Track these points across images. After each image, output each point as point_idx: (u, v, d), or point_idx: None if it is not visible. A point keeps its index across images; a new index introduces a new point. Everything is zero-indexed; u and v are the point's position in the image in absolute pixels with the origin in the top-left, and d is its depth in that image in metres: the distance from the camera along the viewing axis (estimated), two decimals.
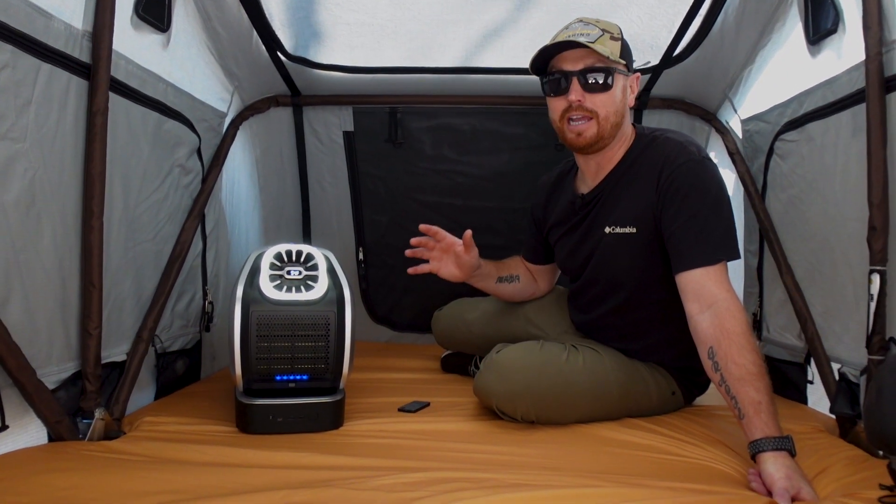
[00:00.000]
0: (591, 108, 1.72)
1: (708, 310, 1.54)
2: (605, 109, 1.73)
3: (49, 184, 1.46)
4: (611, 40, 1.71)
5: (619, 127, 1.77)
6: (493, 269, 2.16)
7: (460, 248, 1.99)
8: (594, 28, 1.71)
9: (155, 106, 1.88)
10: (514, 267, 2.24)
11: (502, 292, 2.21)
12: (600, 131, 1.74)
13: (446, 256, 2.02)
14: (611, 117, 1.74)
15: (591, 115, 1.73)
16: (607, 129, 1.75)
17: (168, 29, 1.88)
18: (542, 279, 2.26)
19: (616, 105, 1.74)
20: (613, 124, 1.75)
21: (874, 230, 1.52)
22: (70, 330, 1.56)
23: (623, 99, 1.76)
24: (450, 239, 1.99)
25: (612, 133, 1.76)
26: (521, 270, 2.24)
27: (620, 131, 1.79)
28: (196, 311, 2.21)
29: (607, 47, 1.69)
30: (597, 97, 1.72)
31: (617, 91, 1.73)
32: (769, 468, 1.31)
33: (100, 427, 1.59)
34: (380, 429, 1.70)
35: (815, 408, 1.94)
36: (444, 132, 2.84)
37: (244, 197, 2.67)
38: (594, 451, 1.55)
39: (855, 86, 1.66)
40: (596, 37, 1.69)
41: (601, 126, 1.74)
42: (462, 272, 2.04)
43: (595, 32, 1.70)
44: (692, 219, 1.64)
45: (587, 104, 1.72)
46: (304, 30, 2.32)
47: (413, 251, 2.02)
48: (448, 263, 2.03)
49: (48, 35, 1.41)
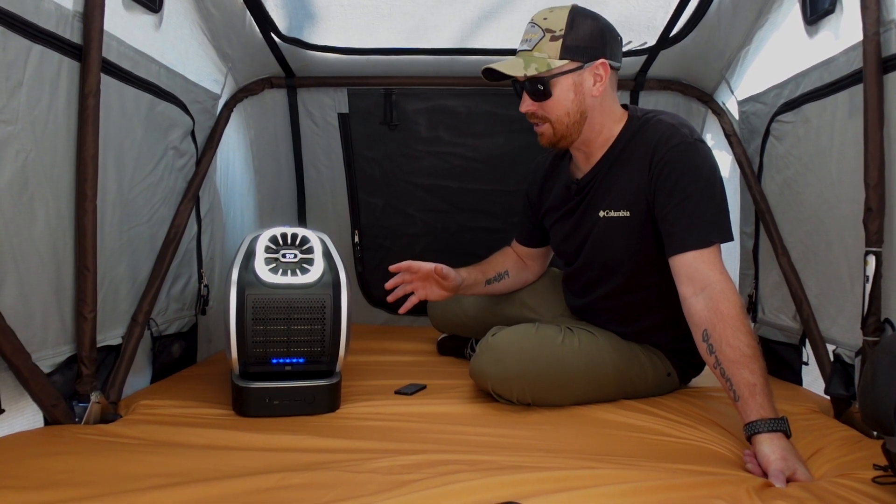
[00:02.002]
0: (542, 115, 1.77)
1: (702, 292, 1.54)
2: (554, 114, 1.75)
3: (42, 166, 1.44)
4: (550, 42, 1.70)
5: (582, 122, 1.77)
6: (480, 274, 2.13)
7: (438, 273, 1.96)
8: (537, 30, 1.72)
9: (148, 88, 1.86)
10: (501, 264, 2.21)
11: (494, 291, 2.20)
12: (556, 133, 1.78)
13: (427, 283, 2.00)
14: (563, 119, 1.75)
15: (545, 121, 1.77)
16: (563, 129, 1.77)
17: (160, 9, 1.86)
18: (534, 263, 2.25)
19: (566, 106, 1.74)
20: (569, 124, 1.76)
21: (870, 211, 1.52)
22: (65, 314, 1.56)
23: (576, 97, 1.74)
24: (425, 268, 1.96)
25: (570, 131, 1.77)
26: (509, 264, 2.22)
27: (593, 122, 1.78)
28: (191, 294, 2.21)
29: (545, 52, 1.70)
30: (543, 105, 1.76)
31: (561, 93, 1.73)
32: (764, 449, 1.32)
33: (96, 410, 1.59)
34: (376, 411, 1.70)
35: (810, 389, 1.95)
36: (439, 114, 2.82)
37: (239, 179, 2.66)
38: (590, 433, 1.55)
39: (852, 66, 1.66)
40: (535, 42, 1.71)
41: (555, 128, 1.77)
42: (448, 291, 2.02)
43: (536, 36, 1.72)
44: (685, 201, 1.63)
45: (538, 112, 1.77)
46: (297, 10, 2.30)
47: (395, 293, 1.98)
48: (432, 287, 2.00)
49: (38, 15, 1.39)
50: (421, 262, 1.96)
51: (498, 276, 2.18)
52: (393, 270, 1.95)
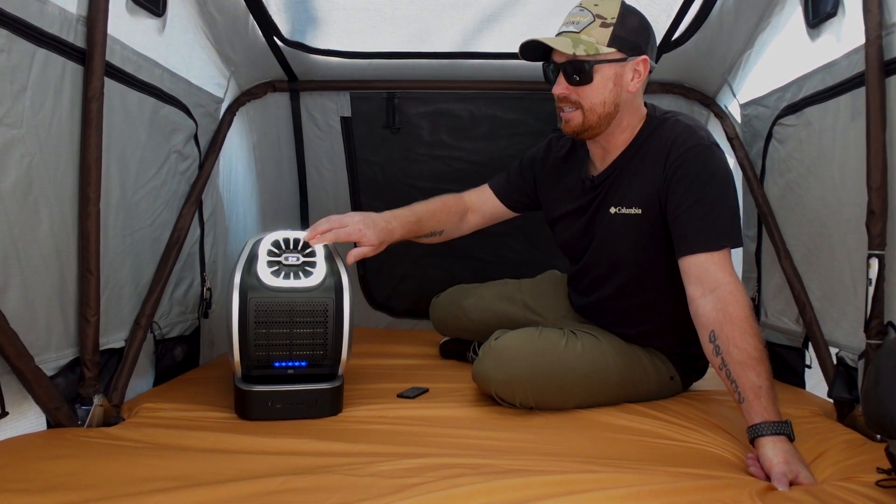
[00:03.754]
0: (575, 100, 1.71)
1: (710, 294, 1.54)
2: (589, 101, 1.70)
3: (46, 170, 1.45)
4: (600, 28, 1.67)
5: (613, 116, 1.74)
6: (415, 225, 1.96)
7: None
8: (587, 14, 1.68)
9: (151, 91, 1.86)
10: (439, 221, 2.06)
11: (423, 244, 2.10)
12: (586, 121, 1.72)
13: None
14: (597, 108, 1.71)
15: (577, 106, 1.72)
16: (593, 119, 1.72)
17: (163, 13, 1.86)
18: (477, 217, 2.15)
19: (602, 95, 1.70)
20: (601, 114, 1.72)
21: (873, 214, 1.52)
22: (68, 317, 1.56)
23: (615, 88, 1.71)
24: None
25: (601, 122, 1.73)
26: (447, 222, 2.08)
27: (621, 117, 1.76)
28: (194, 297, 2.21)
29: (593, 37, 1.66)
30: (580, 89, 1.70)
31: (600, 81, 1.69)
32: (767, 452, 1.32)
33: (98, 413, 1.60)
34: (379, 415, 1.70)
35: (813, 392, 1.95)
36: (441, 118, 2.83)
37: (241, 183, 2.67)
38: (593, 437, 1.55)
39: (854, 69, 1.66)
40: (584, 24, 1.67)
41: (586, 116, 1.72)
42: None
43: (585, 20, 1.67)
44: (698, 203, 1.63)
45: (572, 96, 1.71)
46: (300, 14, 2.30)
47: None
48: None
49: (43, 20, 1.39)
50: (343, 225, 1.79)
51: (431, 233, 2.07)
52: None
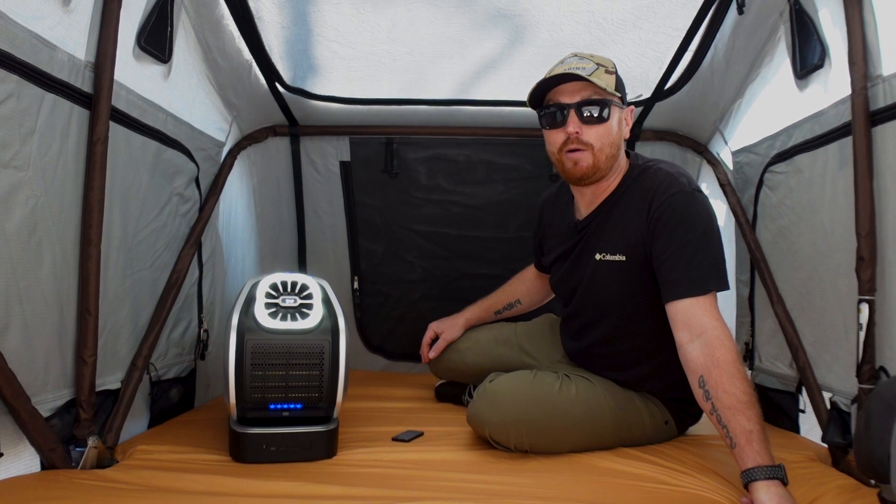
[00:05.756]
0: (587, 141, 1.74)
1: (698, 339, 1.55)
2: (601, 141, 1.75)
3: (50, 212, 1.47)
4: (605, 74, 1.74)
5: (615, 159, 1.80)
6: (487, 312, 2.31)
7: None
8: (589, 62, 1.74)
9: (155, 135, 1.90)
10: (513, 293, 2.31)
11: (506, 317, 2.34)
12: (596, 162, 1.76)
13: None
14: (606, 149, 1.76)
15: (587, 147, 1.75)
16: (602, 160, 1.76)
17: (169, 60, 1.91)
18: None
19: (612, 137, 1.76)
20: (609, 156, 1.77)
21: (862, 260, 1.55)
22: (66, 357, 1.57)
23: (619, 131, 1.79)
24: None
25: (607, 164, 1.78)
26: (522, 291, 2.33)
27: (616, 163, 1.81)
28: (191, 339, 2.22)
29: (603, 80, 1.72)
30: (593, 129, 1.74)
31: (613, 123, 1.76)
32: (761, 497, 1.32)
33: (93, 455, 1.59)
34: (374, 458, 1.70)
35: (808, 437, 1.95)
36: (439, 162, 2.87)
37: (241, 225, 2.69)
38: (587, 481, 1.55)
39: (841, 119, 1.70)
40: (591, 70, 1.72)
41: (597, 157, 1.75)
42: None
43: (590, 66, 1.73)
44: (682, 248, 1.65)
45: (584, 137, 1.74)
46: (302, 62, 2.36)
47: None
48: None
49: (52, 65, 1.44)
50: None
51: (508, 305, 2.30)
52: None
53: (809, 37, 1.82)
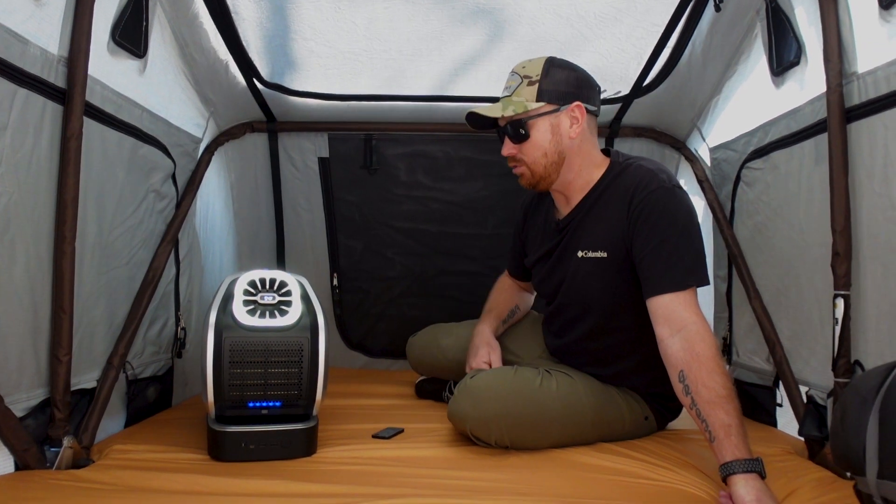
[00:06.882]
0: (520, 158, 1.83)
1: (678, 334, 1.57)
2: (531, 156, 1.81)
3: (24, 209, 1.45)
4: (527, 87, 1.77)
5: (560, 163, 1.82)
6: (500, 323, 2.23)
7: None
8: (516, 77, 1.81)
9: (130, 131, 1.88)
10: (508, 301, 2.28)
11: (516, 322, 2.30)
12: (533, 175, 1.83)
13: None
14: (539, 160, 1.81)
15: (521, 163, 1.83)
16: (539, 170, 1.82)
17: (144, 55, 1.88)
18: (531, 288, 2.32)
19: (543, 148, 1.80)
20: (546, 165, 1.81)
21: (837, 255, 1.57)
22: (40, 356, 1.54)
23: (553, 138, 1.80)
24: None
25: (548, 171, 1.82)
26: (515, 298, 2.29)
27: (571, 163, 1.82)
28: (168, 337, 2.19)
29: (522, 96, 1.77)
30: (522, 147, 1.81)
31: (538, 135, 1.79)
32: (740, 490, 1.33)
33: (68, 455, 1.57)
34: (353, 456, 1.69)
35: (785, 430, 1.97)
36: (418, 159, 2.87)
37: (218, 222, 2.67)
38: (568, 476, 1.55)
39: (817, 116, 1.72)
40: (514, 87, 1.79)
41: (532, 170, 1.83)
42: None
43: (515, 83, 1.80)
44: (662, 244, 1.67)
45: (517, 155, 1.83)
46: (280, 58, 2.35)
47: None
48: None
49: (24, 60, 1.41)
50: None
51: (511, 313, 2.27)
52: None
53: (785, 34, 1.83)
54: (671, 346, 1.57)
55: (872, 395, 1.10)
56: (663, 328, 1.60)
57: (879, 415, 1.08)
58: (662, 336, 1.60)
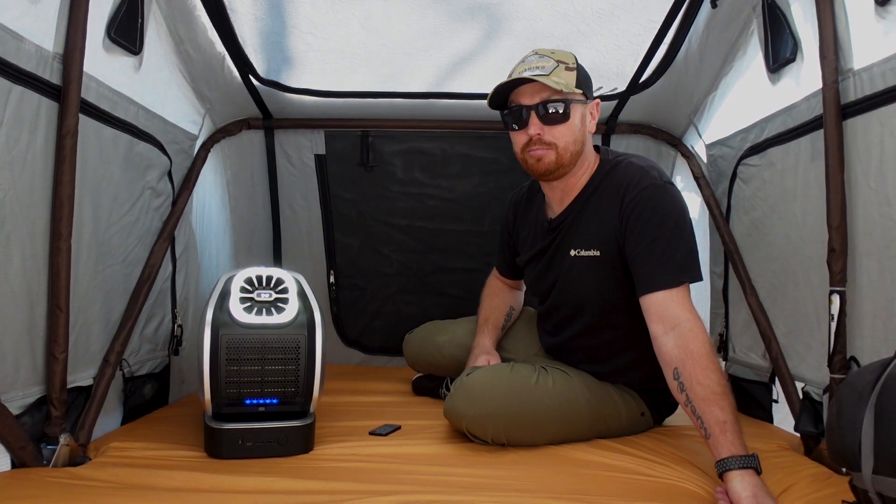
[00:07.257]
0: (549, 141, 1.75)
1: (672, 331, 1.57)
2: (564, 140, 1.76)
3: (19, 206, 1.44)
4: (566, 71, 1.74)
5: (580, 154, 1.80)
6: (499, 330, 2.22)
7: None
8: (549, 60, 1.74)
9: (126, 128, 1.87)
10: (502, 306, 2.27)
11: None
12: (559, 159, 1.77)
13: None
14: (570, 147, 1.77)
15: (551, 147, 1.76)
16: (566, 157, 1.77)
17: (140, 52, 1.88)
18: (521, 285, 2.32)
19: (575, 134, 1.77)
20: (573, 153, 1.78)
21: (833, 252, 1.57)
22: (36, 354, 1.54)
23: (582, 127, 1.79)
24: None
25: (571, 161, 1.79)
26: (509, 300, 2.28)
27: (582, 158, 1.82)
28: (165, 334, 2.19)
29: (562, 79, 1.72)
30: (555, 129, 1.75)
31: (575, 121, 1.76)
32: (736, 486, 1.33)
33: (64, 453, 1.56)
34: (351, 452, 1.69)
35: (781, 426, 1.98)
36: (415, 156, 2.86)
37: (215, 219, 2.66)
38: (564, 473, 1.56)
39: (813, 112, 1.72)
40: (551, 69, 1.72)
41: (560, 155, 1.76)
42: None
43: (550, 65, 1.73)
44: (654, 242, 1.67)
45: (546, 137, 1.75)
46: (276, 54, 2.34)
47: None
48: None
49: (19, 57, 1.40)
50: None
51: (508, 317, 2.26)
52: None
53: (781, 31, 1.84)
54: (665, 344, 1.57)
55: (868, 391, 1.11)
56: (657, 325, 1.61)
57: (875, 411, 1.08)
58: (656, 333, 1.60)
